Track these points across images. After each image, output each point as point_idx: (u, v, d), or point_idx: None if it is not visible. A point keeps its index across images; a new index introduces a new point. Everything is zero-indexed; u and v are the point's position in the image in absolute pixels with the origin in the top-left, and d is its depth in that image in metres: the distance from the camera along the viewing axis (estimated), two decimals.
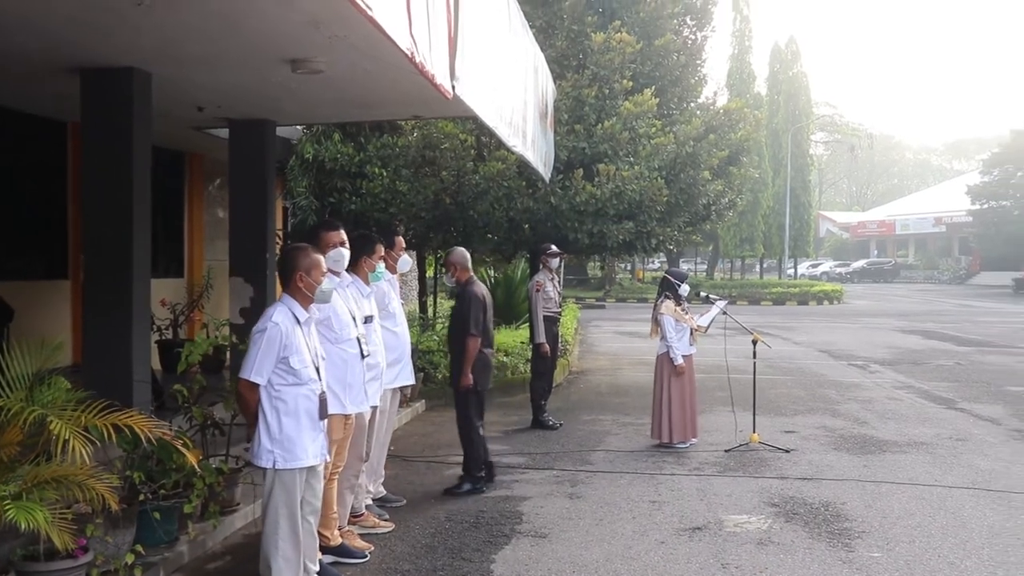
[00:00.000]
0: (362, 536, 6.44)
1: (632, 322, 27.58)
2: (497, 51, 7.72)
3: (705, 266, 58.29)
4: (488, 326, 7.94)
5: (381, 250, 6.57)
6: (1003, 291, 49.89)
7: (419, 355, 12.72)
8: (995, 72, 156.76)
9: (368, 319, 6.25)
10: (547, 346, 11.00)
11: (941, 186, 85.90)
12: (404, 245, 7.79)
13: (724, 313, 10.10)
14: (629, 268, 56.61)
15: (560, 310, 12.04)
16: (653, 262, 62.32)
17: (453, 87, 6.03)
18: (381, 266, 6.55)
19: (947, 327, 26.77)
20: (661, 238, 13.57)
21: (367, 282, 6.42)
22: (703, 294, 10.94)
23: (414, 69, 5.18)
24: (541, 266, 11.37)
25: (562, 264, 13.49)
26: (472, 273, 8.09)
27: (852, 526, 6.94)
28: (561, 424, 10.98)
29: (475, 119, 9.26)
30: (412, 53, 4.87)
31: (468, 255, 8.19)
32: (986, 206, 55.93)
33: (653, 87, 13.56)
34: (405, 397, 10.97)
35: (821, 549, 6.40)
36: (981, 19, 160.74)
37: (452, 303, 9.45)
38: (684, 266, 68.28)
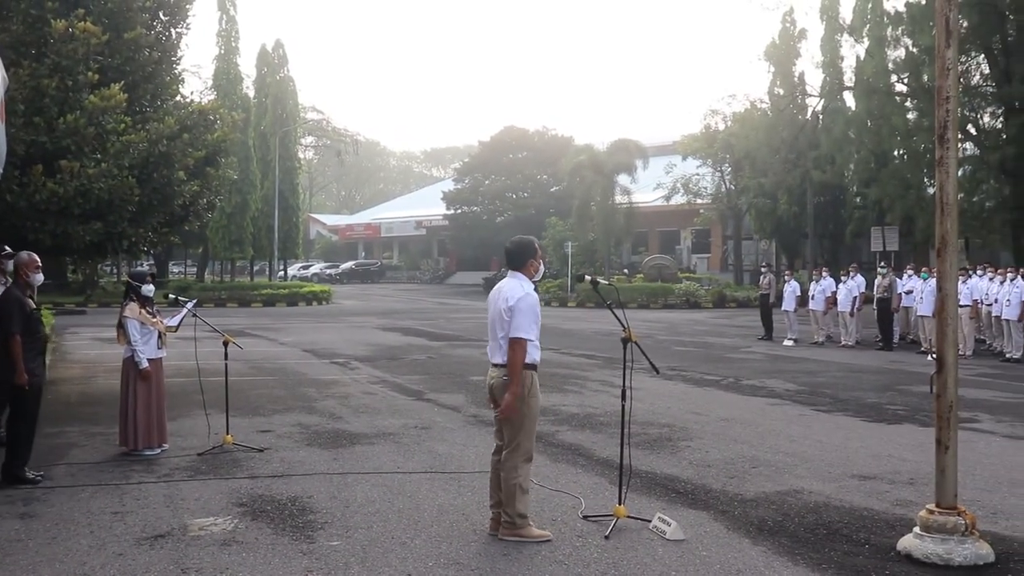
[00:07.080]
0: None
1: (114, 328, 26.16)
2: None
3: (195, 268, 56.92)
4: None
5: None
6: (476, 289, 54.43)
7: None
8: (468, 86, 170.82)
9: None
10: None
11: (422, 191, 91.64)
12: None
13: (194, 315, 9.97)
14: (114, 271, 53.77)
15: None
16: (141, 264, 59.61)
17: None
18: None
19: (424, 324, 28.68)
20: (134, 239, 13.08)
21: None
22: (171, 296, 10.71)
23: None
24: None
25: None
26: (31, 274, 8.53)
27: (316, 518, 7.17)
28: None
29: None
30: None
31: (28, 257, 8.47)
32: (460, 211, 60.51)
33: (123, 82, 12.97)
34: None
35: (284, 543, 6.54)
36: (447, 37, 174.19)
37: None
38: (175, 268, 66.51)
